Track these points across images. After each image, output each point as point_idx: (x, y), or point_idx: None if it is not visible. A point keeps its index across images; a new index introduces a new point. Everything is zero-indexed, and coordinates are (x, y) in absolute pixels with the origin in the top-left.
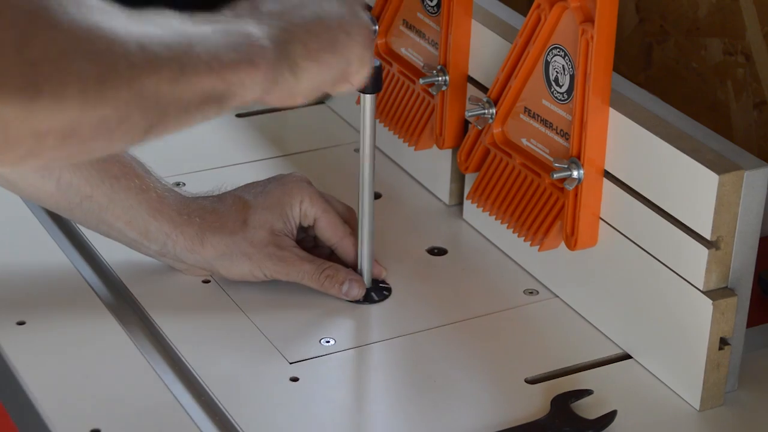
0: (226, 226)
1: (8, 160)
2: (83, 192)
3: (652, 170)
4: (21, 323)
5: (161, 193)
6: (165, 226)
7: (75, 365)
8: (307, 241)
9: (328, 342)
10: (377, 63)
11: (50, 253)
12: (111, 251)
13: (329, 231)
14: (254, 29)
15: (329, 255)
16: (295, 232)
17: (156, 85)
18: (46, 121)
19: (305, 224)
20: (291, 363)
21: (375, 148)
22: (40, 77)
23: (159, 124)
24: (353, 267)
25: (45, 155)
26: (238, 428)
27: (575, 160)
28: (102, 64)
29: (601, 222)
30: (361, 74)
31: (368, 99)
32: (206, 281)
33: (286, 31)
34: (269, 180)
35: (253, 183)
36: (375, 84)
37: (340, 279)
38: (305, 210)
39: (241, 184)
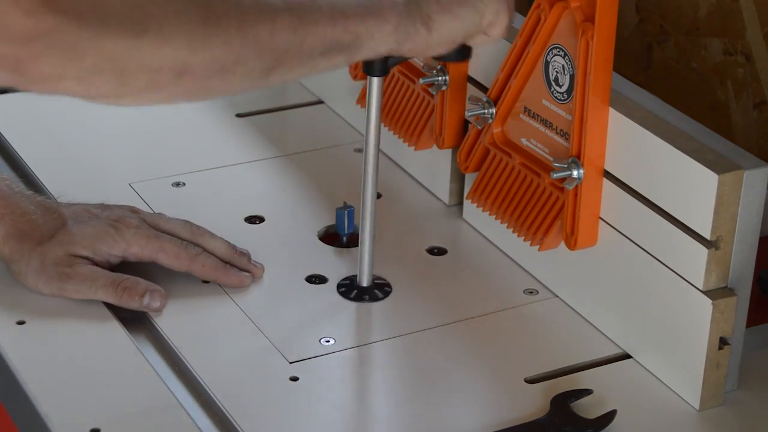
0: (31, 236)
1: (128, 92)
2: None
3: (652, 170)
4: (21, 323)
5: (11, 185)
6: None
7: (75, 365)
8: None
9: (328, 342)
10: None
11: None
12: None
13: (175, 264)
14: None
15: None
16: (103, 262)
17: (271, 32)
18: (155, 58)
19: (135, 261)
20: (291, 363)
21: (380, 132)
22: (145, 16)
23: (279, 68)
24: (217, 281)
25: (163, 90)
26: (238, 428)
27: (575, 160)
28: (209, 9)
29: (601, 222)
30: (498, 26)
31: (375, 82)
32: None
33: None
34: (104, 209)
35: (99, 205)
36: (381, 66)
37: (140, 291)
38: (136, 253)
39: (240, 184)
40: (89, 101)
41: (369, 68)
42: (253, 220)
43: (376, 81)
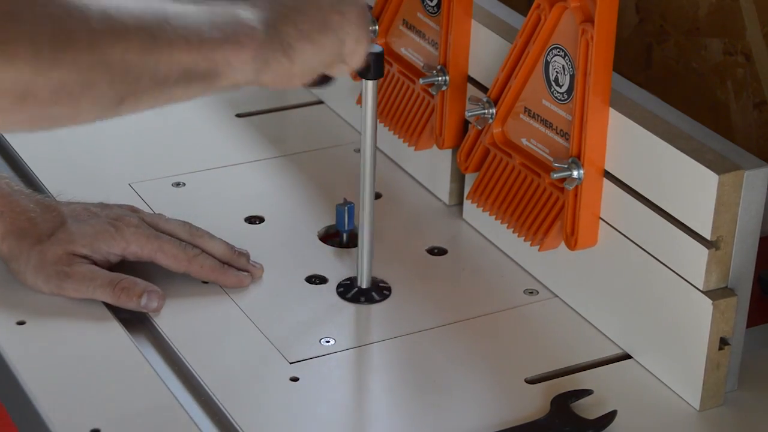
0: (30, 234)
1: None
2: None
3: (652, 170)
4: (21, 323)
5: (11, 183)
6: None
7: (75, 365)
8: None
9: (328, 342)
10: (378, 49)
11: None
12: None
13: (173, 265)
14: (244, 11)
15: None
16: (102, 261)
17: (123, 53)
18: None
19: (135, 260)
20: (291, 363)
21: (376, 138)
22: None
23: (132, 96)
24: (215, 281)
25: (4, 117)
26: (238, 428)
27: (575, 160)
28: (56, 27)
29: (601, 222)
30: (357, 54)
31: (370, 86)
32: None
33: (278, 13)
34: (103, 208)
35: (99, 204)
36: (376, 70)
37: (138, 291)
38: (135, 252)
39: (240, 184)
40: None
41: (363, 71)
42: (253, 220)
43: (370, 84)
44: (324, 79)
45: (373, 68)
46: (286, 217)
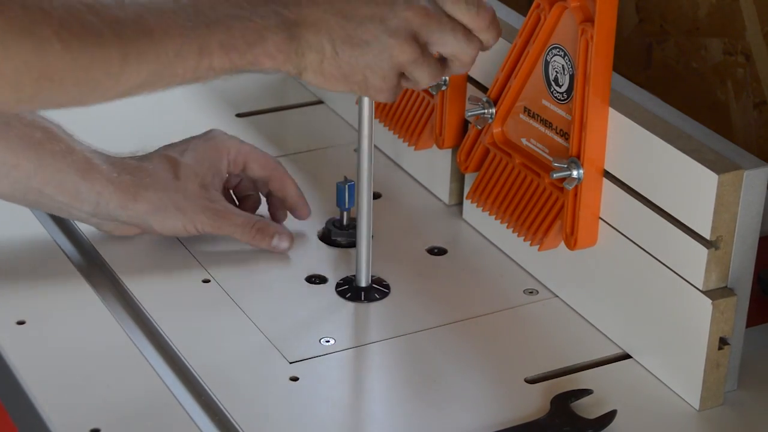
0: (158, 182)
1: None
2: (9, 162)
3: (652, 170)
4: (21, 323)
5: (87, 154)
6: (96, 185)
7: (75, 365)
8: (229, 200)
9: (328, 342)
10: None
11: (50, 253)
12: (111, 252)
13: (262, 164)
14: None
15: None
16: (221, 186)
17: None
18: None
19: (236, 172)
20: (291, 363)
21: (373, 136)
22: None
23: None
24: (291, 194)
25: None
26: (238, 428)
27: (575, 160)
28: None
29: (600, 222)
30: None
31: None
32: (206, 281)
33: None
34: (190, 138)
35: (175, 143)
36: None
37: (270, 232)
38: (233, 158)
39: None
40: None
41: None
42: None
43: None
44: None
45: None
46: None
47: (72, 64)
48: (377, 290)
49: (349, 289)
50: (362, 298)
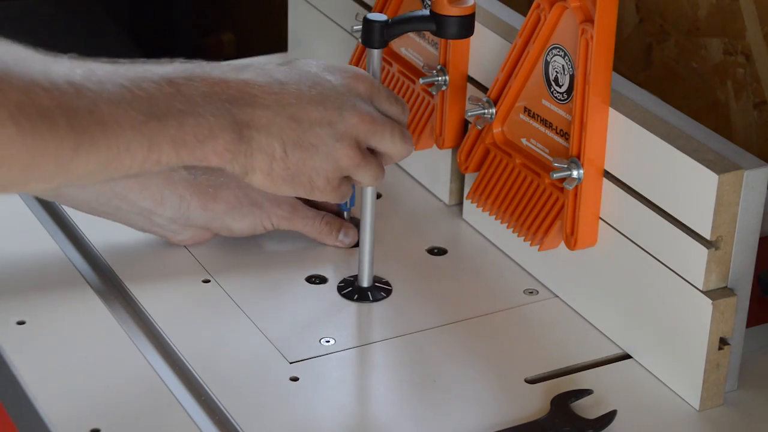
0: (231, 180)
1: None
2: None
3: (652, 170)
4: (21, 323)
5: None
6: (179, 188)
7: (75, 365)
8: None
9: (328, 342)
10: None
11: (51, 253)
12: (111, 251)
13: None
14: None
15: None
16: None
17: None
18: None
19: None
20: (291, 363)
21: None
22: None
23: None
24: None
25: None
26: (238, 428)
27: (575, 160)
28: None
29: (600, 222)
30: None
31: (375, 54)
32: (206, 281)
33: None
34: None
35: None
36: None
37: (337, 226)
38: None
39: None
40: None
41: (368, 40)
42: None
43: (375, 53)
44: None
45: (377, 35)
46: None
47: (23, 149)
48: (382, 289)
49: (353, 291)
50: (370, 298)
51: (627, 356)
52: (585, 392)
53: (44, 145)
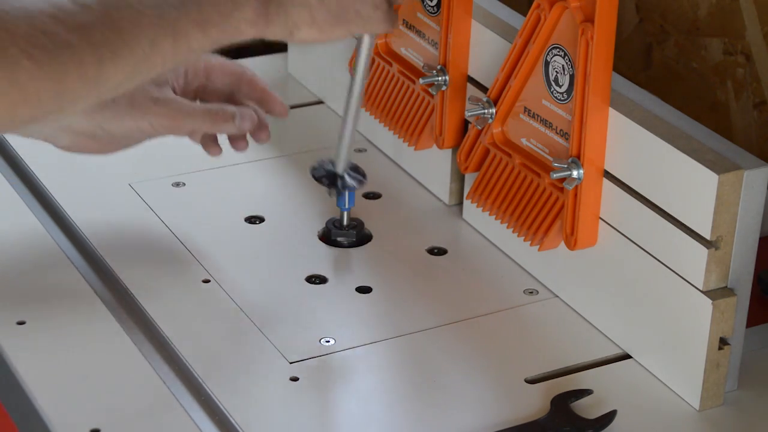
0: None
1: None
2: None
3: (652, 170)
4: (21, 323)
5: None
6: None
7: (75, 365)
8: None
9: (328, 342)
10: None
11: (51, 253)
12: (111, 251)
13: (226, 71)
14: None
15: None
16: (180, 91)
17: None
18: None
19: (198, 83)
20: (291, 363)
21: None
22: None
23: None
24: (262, 92)
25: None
26: (238, 428)
27: (575, 160)
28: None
29: (600, 222)
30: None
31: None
32: (206, 281)
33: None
34: None
35: None
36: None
37: (230, 112)
38: (193, 65)
39: (240, 184)
40: None
41: None
42: (253, 220)
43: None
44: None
45: None
46: (286, 217)
47: (46, 79)
48: (353, 177)
49: (326, 176)
50: (339, 187)
51: (627, 356)
52: (585, 392)
53: (64, 69)
